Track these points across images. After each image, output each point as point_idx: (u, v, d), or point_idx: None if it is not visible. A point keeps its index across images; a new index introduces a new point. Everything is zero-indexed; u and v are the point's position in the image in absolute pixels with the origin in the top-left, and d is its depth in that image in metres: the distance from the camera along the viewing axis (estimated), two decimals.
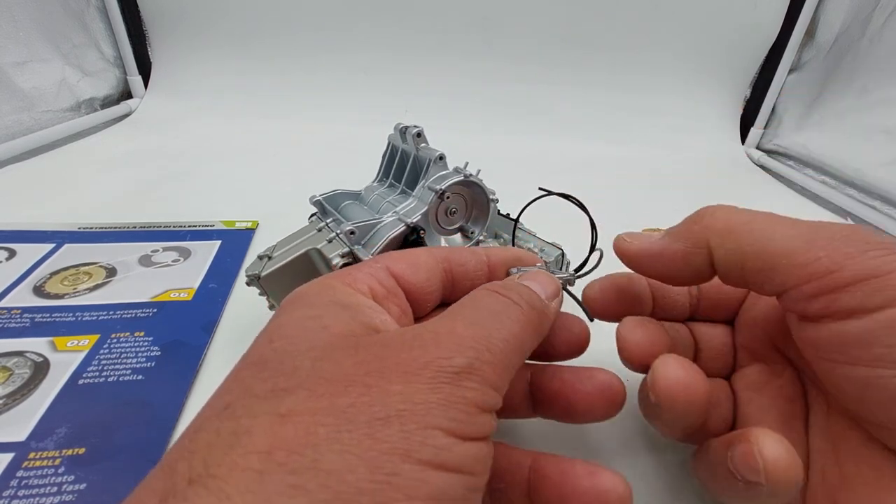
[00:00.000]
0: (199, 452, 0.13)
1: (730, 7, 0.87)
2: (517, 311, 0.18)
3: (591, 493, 0.17)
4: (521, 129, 0.91)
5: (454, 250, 0.23)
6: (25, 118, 0.71)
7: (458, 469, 0.14)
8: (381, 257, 0.22)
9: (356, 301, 0.19)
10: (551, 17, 0.89)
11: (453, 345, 0.15)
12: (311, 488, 0.12)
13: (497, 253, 0.23)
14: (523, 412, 0.23)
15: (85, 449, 0.26)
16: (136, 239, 0.47)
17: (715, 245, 0.20)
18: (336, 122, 0.88)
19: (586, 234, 0.30)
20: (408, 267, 0.21)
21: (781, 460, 0.17)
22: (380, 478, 0.12)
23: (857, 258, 0.16)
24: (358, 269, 0.21)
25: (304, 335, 0.17)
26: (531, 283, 0.20)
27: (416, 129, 0.35)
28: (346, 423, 0.13)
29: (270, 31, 0.91)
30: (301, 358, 0.15)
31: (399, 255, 0.22)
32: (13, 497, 0.23)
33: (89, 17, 0.85)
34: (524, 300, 0.19)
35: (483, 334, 0.16)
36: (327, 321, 0.17)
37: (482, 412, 0.15)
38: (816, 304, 0.17)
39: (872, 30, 0.73)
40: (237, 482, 0.12)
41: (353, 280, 0.20)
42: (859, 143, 0.72)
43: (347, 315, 0.18)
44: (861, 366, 0.16)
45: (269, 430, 0.13)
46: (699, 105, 0.95)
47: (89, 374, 0.30)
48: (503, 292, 0.19)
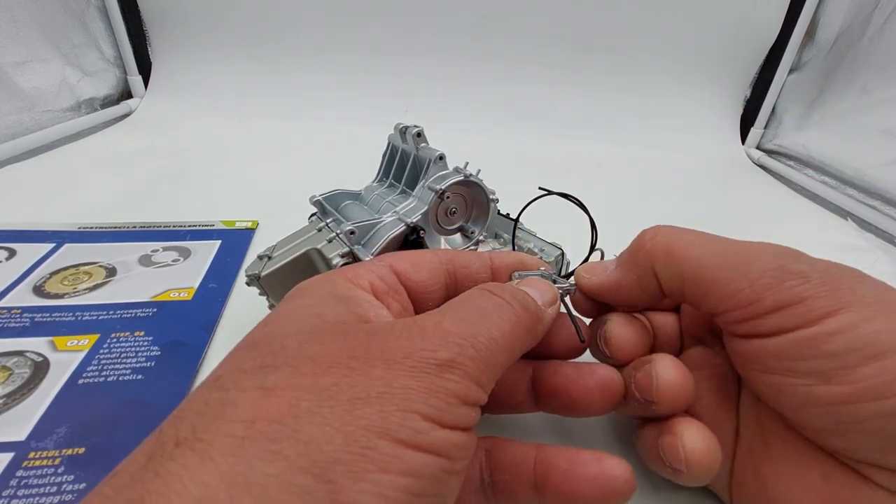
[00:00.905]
0: (187, 419, 0.14)
1: (730, 7, 0.87)
2: (508, 311, 0.18)
3: (600, 478, 0.18)
4: (522, 130, 0.91)
5: (459, 253, 0.23)
6: (25, 118, 0.71)
7: (434, 451, 0.14)
8: (387, 256, 0.22)
9: (354, 295, 0.19)
10: (551, 18, 0.89)
11: (439, 338, 0.16)
12: (290, 455, 0.13)
13: (501, 257, 0.24)
14: (526, 407, 0.24)
15: (85, 449, 0.26)
16: (136, 239, 0.47)
17: (658, 270, 0.22)
18: (336, 122, 0.88)
19: (586, 233, 0.30)
20: (411, 266, 0.22)
21: (699, 452, 0.20)
22: (356, 450, 0.13)
23: (776, 288, 0.18)
24: (361, 266, 0.21)
25: (296, 321, 0.17)
26: (528, 288, 0.21)
27: (416, 129, 0.34)
28: (328, 400, 0.14)
29: (270, 31, 0.91)
30: (289, 339, 0.16)
31: (404, 255, 0.22)
32: (13, 497, 0.23)
33: (89, 16, 0.85)
34: (517, 301, 0.19)
35: (470, 331, 0.17)
36: (320, 309, 0.18)
37: (463, 404, 0.15)
38: (742, 327, 0.20)
39: (872, 30, 0.73)
40: (221, 446, 0.13)
41: (354, 275, 0.20)
42: (859, 143, 0.72)
43: (342, 306, 0.18)
44: (775, 374, 0.19)
45: (253, 402, 0.14)
46: (699, 105, 0.95)
47: (89, 374, 0.30)
48: (496, 292, 0.19)
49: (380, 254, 0.31)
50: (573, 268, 0.27)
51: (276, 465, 0.12)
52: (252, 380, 0.15)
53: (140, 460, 0.13)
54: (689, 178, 0.80)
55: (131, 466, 0.13)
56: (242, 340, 0.18)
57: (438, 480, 0.14)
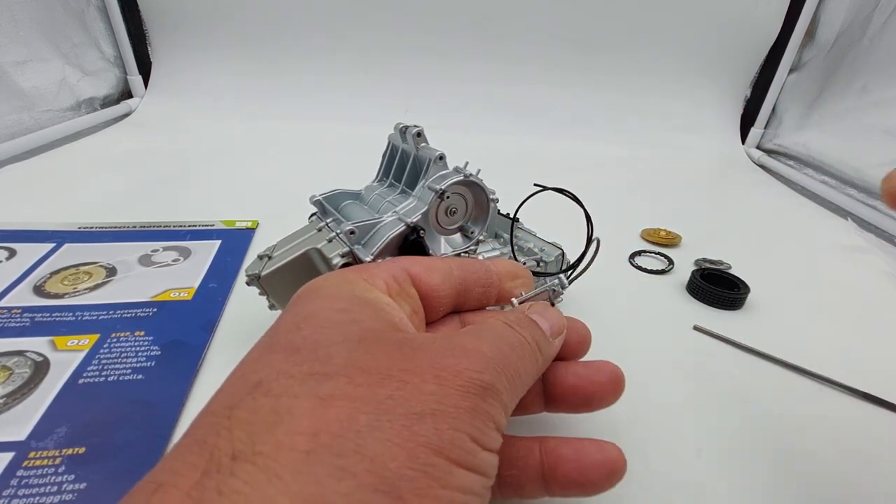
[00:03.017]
0: (238, 429, 0.13)
1: (730, 7, 0.87)
2: (528, 351, 0.19)
3: (606, 463, 0.20)
4: (522, 130, 0.91)
5: (465, 260, 0.24)
6: (25, 118, 0.71)
7: (479, 471, 0.15)
8: (402, 259, 0.23)
9: (375, 297, 0.20)
10: (551, 18, 0.89)
11: (481, 362, 0.16)
12: (358, 472, 0.13)
13: (498, 265, 0.25)
14: (535, 408, 0.24)
15: (85, 448, 0.26)
16: (136, 238, 0.47)
17: None
18: (336, 122, 0.88)
19: (585, 228, 0.30)
20: (424, 269, 0.22)
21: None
22: (417, 466, 0.13)
23: None
24: (377, 266, 0.22)
25: (336, 327, 0.17)
26: (540, 320, 0.21)
27: (416, 129, 0.34)
28: (385, 413, 0.14)
29: (271, 32, 0.91)
30: (336, 347, 0.16)
31: (418, 259, 0.23)
32: (13, 496, 0.23)
33: (89, 16, 0.85)
34: (535, 342, 0.20)
35: (504, 361, 0.17)
36: (356, 315, 0.18)
37: (496, 430, 0.16)
38: None
39: (872, 30, 0.73)
40: (286, 461, 0.12)
41: (370, 275, 0.21)
42: (859, 143, 0.72)
43: (372, 311, 0.18)
44: None
45: (311, 412, 0.14)
46: (699, 105, 0.95)
47: (89, 374, 0.30)
48: (517, 328, 0.20)
49: (380, 254, 0.31)
50: (572, 262, 0.27)
51: (346, 484, 0.12)
52: (304, 386, 0.14)
53: (191, 475, 0.12)
54: (690, 177, 0.80)
55: (182, 482, 0.12)
56: (274, 342, 0.17)
57: (482, 497, 0.15)
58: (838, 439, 0.30)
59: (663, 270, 0.48)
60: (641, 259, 0.50)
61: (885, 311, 0.44)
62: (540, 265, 0.36)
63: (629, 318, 0.40)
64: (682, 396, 0.32)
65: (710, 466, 0.27)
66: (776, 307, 0.43)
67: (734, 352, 0.37)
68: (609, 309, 0.41)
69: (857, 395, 0.33)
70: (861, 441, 0.30)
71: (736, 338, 0.38)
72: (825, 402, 0.33)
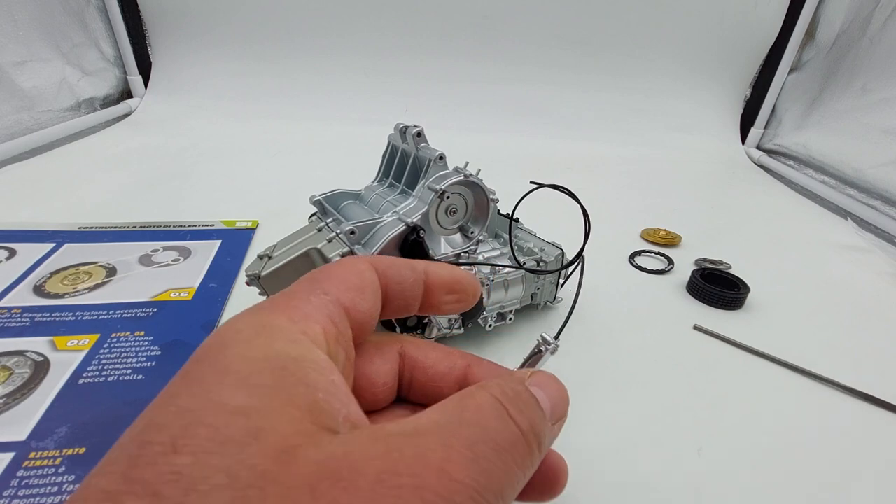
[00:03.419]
0: None
1: (730, 7, 0.87)
2: (523, 451, 0.14)
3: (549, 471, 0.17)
4: (522, 130, 0.91)
5: (393, 263, 0.19)
6: (26, 118, 0.71)
7: None
8: (326, 282, 0.17)
9: (301, 355, 0.14)
10: (551, 18, 0.89)
11: (445, 494, 0.11)
12: None
13: (437, 272, 0.20)
14: None
15: (85, 448, 0.26)
16: (136, 238, 0.47)
17: None
18: (336, 122, 0.88)
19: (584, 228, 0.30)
20: (357, 295, 0.17)
21: None
22: None
23: None
24: (305, 301, 0.16)
25: (225, 450, 0.11)
26: (541, 393, 0.16)
27: (416, 129, 0.35)
28: None
29: (271, 32, 0.91)
30: (214, 497, 0.10)
31: (342, 277, 0.17)
32: (13, 497, 0.23)
33: (89, 16, 0.85)
34: (533, 433, 0.14)
35: (486, 484, 0.12)
36: (261, 420, 0.12)
37: None
38: None
39: (872, 30, 0.73)
40: None
41: (302, 317, 0.15)
42: (859, 143, 0.72)
43: (287, 399, 0.12)
44: None
45: None
46: (699, 105, 0.95)
47: (89, 374, 0.30)
48: (514, 414, 0.14)
49: (380, 254, 0.31)
50: (569, 256, 0.27)
51: None
52: None
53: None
54: (690, 177, 0.80)
55: None
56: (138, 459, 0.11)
57: None
58: (838, 439, 0.30)
59: (663, 270, 0.48)
60: (641, 259, 0.50)
61: (885, 311, 0.44)
62: (540, 265, 0.36)
63: (629, 318, 0.41)
64: (682, 396, 0.32)
65: (711, 465, 0.27)
66: (776, 307, 0.43)
67: (734, 352, 0.37)
68: (609, 309, 0.41)
69: (857, 395, 0.33)
70: (861, 441, 0.30)
71: (736, 338, 0.38)
72: (825, 402, 0.33)
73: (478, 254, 0.35)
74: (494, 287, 0.34)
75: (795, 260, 0.53)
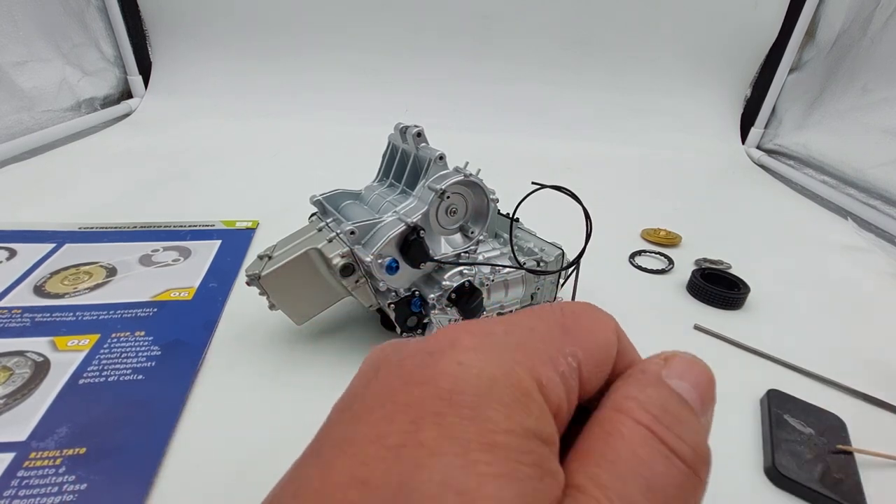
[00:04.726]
0: None
1: (730, 7, 0.87)
2: (693, 487, 0.11)
3: None
4: (522, 129, 0.91)
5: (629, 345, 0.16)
6: (26, 118, 0.71)
7: None
8: (574, 330, 0.14)
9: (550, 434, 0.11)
10: (551, 18, 0.89)
11: None
12: None
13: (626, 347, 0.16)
14: None
15: (86, 449, 0.26)
16: (136, 239, 0.47)
17: None
18: (336, 122, 0.88)
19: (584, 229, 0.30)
20: (595, 369, 0.13)
21: None
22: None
23: None
24: (553, 360, 0.12)
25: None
26: (688, 393, 0.13)
27: (416, 129, 0.34)
28: None
29: (270, 32, 0.91)
30: None
31: (593, 338, 0.14)
32: (14, 497, 0.23)
33: (89, 16, 0.85)
34: (699, 458, 0.12)
35: None
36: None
37: None
38: None
39: (873, 30, 0.73)
40: None
41: (548, 382, 0.12)
42: (859, 143, 0.72)
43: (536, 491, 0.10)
44: None
45: None
46: (699, 105, 0.95)
47: (90, 374, 0.30)
48: (673, 445, 0.11)
49: (380, 254, 0.31)
50: (570, 257, 0.27)
51: None
52: None
53: None
54: (690, 177, 0.80)
55: None
56: None
57: None
58: None
59: (663, 270, 0.48)
60: (642, 259, 0.50)
61: (885, 312, 0.44)
62: (540, 265, 0.36)
63: (629, 318, 0.40)
64: None
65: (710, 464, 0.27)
66: (776, 307, 0.43)
67: (734, 351, 0.37)
68: (609, 308, 0.41)
69: (857, 395, 0.33)
70: (861, 441, 0.30)
71: (736, 337, 0.38)
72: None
73: (478, 254, 0.35)
74: (494, 287, 0.34)
75: (795, 260, 0.53)
